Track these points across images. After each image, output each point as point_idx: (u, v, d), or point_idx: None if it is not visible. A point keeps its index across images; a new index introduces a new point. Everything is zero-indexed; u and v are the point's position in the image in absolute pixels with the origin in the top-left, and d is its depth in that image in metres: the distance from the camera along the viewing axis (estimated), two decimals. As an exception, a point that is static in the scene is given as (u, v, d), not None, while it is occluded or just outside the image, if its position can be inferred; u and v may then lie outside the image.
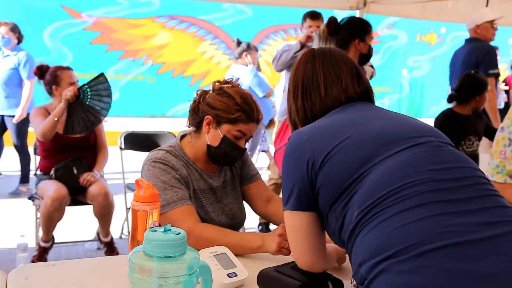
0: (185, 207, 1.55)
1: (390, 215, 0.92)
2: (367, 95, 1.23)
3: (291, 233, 1.14)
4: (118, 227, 3.58)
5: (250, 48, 4.87)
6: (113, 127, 6.92)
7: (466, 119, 3.26)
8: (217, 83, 1.70)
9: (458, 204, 0.92)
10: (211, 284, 0.92)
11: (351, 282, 1.30)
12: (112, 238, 3.17)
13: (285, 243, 1.40)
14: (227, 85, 1.67)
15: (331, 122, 1.12)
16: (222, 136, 1.63)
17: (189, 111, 1.73)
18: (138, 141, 3.52)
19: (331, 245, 1.27)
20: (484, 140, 3.46)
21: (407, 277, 0.84)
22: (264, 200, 1.81)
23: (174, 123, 7.41)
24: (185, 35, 9.69)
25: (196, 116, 1.69)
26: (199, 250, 1.03)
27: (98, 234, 3.25)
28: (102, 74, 3.13)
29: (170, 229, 0.88)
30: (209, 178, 1.71)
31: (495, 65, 3.87)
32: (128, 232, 3.36)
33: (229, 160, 1.69)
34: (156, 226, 1.33)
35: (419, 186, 0.94)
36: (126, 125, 7.67)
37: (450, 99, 3.37)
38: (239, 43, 4.91)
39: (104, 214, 3.03)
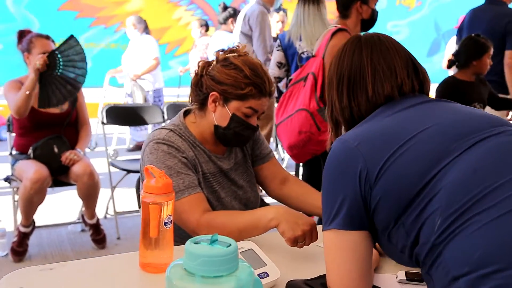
0: (193, 196, 1.37)
1: (494, 217, 0.75)
2: (422, 89, 1.05)
3: (335, 257, 0.93)
4: (103, 206, 3.37)
5: (236, 15, 4.61)
6: (86, 98, 6.57)
7: (469, 86, 3.14)
8: (221, 52, 1.48)
9: None
10: (264, 302, 0.75)
11: (396, 278, 1.16)
12: (98, 220, 2.98)
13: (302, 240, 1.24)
14: (233, 54, 1.46)
15: (384, 124, 0.94)
16: (231, 114, 1.44)
17: (191, 86, 1.52)
18: (121, 115, 3.32)
19: None
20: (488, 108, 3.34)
21: None
22: (279, 181, 1.64)
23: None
24: (160, 0, 9.27)
25: (200, 92, 1.48)
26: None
27: (82, 215, 3.05)
28: (72, 37, 2.78)
29: (217, 239, 0.69)
30: (218, 160, 1.52)
31: None
32: (114, 212, 3.16)
33: (241, 140, 1.50)
34: (171, 221, 1.16)
35: None
36: (100, 95, 7.32)
37: (448, 64, 3.23)
38: (225, 7, 4.63)
39: (90, 195, 2.82)
